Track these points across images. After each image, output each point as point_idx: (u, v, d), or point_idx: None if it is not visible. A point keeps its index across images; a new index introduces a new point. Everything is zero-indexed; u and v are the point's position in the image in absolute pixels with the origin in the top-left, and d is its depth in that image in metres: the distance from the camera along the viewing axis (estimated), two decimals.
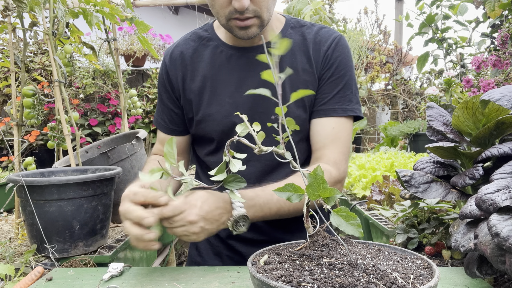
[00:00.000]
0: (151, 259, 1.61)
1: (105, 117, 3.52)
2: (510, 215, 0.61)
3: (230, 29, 1.02)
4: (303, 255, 0.65)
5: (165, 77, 1.17)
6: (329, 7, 4.14)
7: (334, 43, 1.11)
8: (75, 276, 0.87)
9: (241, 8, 0.94)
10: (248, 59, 1.11)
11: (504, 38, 2.18)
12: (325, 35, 1.12)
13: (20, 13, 1.34)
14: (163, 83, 1.18)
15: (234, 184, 0.79)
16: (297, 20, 1.18)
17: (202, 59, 1.14)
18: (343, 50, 1.11)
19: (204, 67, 1.13)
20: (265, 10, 0.99)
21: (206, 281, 0.81)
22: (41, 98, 1.46)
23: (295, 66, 1.10)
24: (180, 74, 1.14)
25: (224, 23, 1.02)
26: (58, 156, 1.58)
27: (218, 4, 0.98)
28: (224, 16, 0.99)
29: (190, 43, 1.17)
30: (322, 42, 1.11)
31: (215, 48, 1.13)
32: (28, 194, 1.01)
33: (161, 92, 1.20)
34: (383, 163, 2.08)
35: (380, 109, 5.03)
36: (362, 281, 0.55)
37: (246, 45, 1.11)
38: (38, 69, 3.21)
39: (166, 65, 1.17)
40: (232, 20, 0.99)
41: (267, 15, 1.01)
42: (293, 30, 1.15)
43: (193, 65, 1.14)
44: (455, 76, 3.25)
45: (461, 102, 0.90)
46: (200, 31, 1.18)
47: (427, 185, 0.90)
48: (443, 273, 0.81)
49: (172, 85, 1.16)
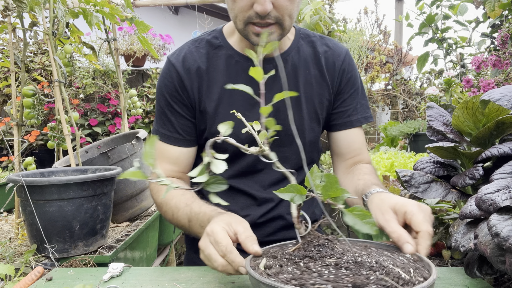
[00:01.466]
0: (151, 259, 1.61)
1: (105, 117, 3.52)
2: (510, 215, 0.61)
3: (246, 34, 0.97)
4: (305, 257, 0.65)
5: (179, 86, 1.07)
6: (329, 7, 4.15)
7: (347, 57, 1.15)
8: (75, 276, 0.87)
9: (263, 12, 0.89)
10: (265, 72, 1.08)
11: (504, 38, 2.18)
12: (336, 50, 1.14)
13: (20, 13, 1.34)
14: (173, 91, 1.08)
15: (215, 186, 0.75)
16: (305, 30, 1.17)
17: (217, 69, 1.08)
18: (353, 62, 1.18)
19: (220, 78, 1.07)
20: (287, 17, 0.94)
21: (206, 281, 0.81)
22: (41, 98, 1.46)
23: (309, 78, 1.11)
24: (196, 85, 1.07)
25: (241, 28, 0.96)
26: (58, 156, 1.58)
27: (238, 7, 0.93)
28: (242, 20, 0.94)
29: (201, 51, 1.09)
30: (335, 56, 1.13)
31: (230, 58, 1.08)
32: (28, 194, 1.01)
33: (170, 102, 1.08)
34: (383, 163, 2.08)
35: (380, 109, 5.03)
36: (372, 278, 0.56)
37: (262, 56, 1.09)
38: (38, 69, 3.21)
39: (180, 74, 1.07)
40: (250, 25, 0.94)
41: (288, 23, 0.96)
42: (304, 41, 1.14)
43: (209, 75, 1.08)
44: (455, 76, 3.25)
45: (461, 102, 0.90)
46: (209, 38, 1.11)
47: (427, 185, 0.90)
48: (443, 273, 0.81)
49: (187, 94, 1.08)
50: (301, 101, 1.10)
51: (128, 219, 1.49)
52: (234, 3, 0.93)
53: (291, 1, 0.93)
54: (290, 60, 1.10)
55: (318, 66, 1.11)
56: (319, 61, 1.11)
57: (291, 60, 1.10)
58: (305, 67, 1.10)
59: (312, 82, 1.11)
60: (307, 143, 1.13)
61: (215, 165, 0.71)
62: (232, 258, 0.68)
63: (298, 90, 1.09)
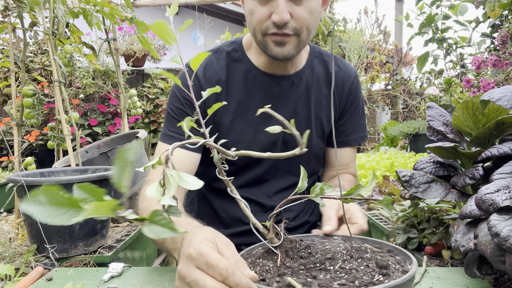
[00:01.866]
0: (151, 259, 1.61)
1: (105, 117, 3.52)
2: (510, 215, 0.61)
3: (265, 45, 0.97)
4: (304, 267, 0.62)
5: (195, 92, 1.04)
6: (329, 7, 4.15)
7: (355, 80, 1.19)
8: (75, 276, 0.87)
9: (281, 22, 0.89)
10: (281, 88, 1.09)
11: (504, 38, 2.18)
12: (346, 72, 1.18)
13: (20, 13, 1.34)
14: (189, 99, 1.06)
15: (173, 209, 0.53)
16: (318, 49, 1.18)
17: (235, 83, 1.09)
18: (360, 86, 1.23)
19: (237, 92, 1.08)
20: (305, 29, 0.94)
21: None
22: (41, 98, 1.46)
23: (320, 98, 1.14)
24: (214, 96, 1.06)
25: (260, 40, 0.96)
26: (58, 156, 1.58)
27: (256, 19, 0.93)
28: (260, 31, 0.94)
29: (221, 62, 1.10)
30: (345, 78, 1.17)
31: (248, 73, 1.09)
32: (28, 194, 1.01)
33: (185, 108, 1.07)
34: (383, 163, 2.08)
35: (380, 109, 5.03)
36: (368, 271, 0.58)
37: (279, 73, 1.09)
38: (38, 69, 3.21)
39: (200, 81, 1.08)
40: (268, 36, 0.95)
41: (306, 36, 0.96)
42: (317, 60, 1.16)
43: (227, 88, 1.09)
44: (455, 76, 3.25)
45: (461, 102, 0.90)
46: (229, 50, 1.12)
47: (427, 185, 0.90)
48: (443, 273, 0.81)
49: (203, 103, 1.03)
50: (311, 119, 1.14)
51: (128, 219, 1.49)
52: (252, 15, 0.94)
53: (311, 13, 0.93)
54: (305, 79, 1.12)
55: (329, 86, 1.15)
56: (330, 82, 1.14)
57: (305, 79, 1.12)
58: (317, 87, 1.13)
59: (322, 102, 1.14)
60: (312, 157, 1.18)
61: (186, 181, 0.53)
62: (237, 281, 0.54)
63: (310, 108, 1.13)
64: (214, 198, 1.20)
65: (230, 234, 1.14)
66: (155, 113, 3.84)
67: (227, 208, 1.17)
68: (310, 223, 1.24)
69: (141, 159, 1.53)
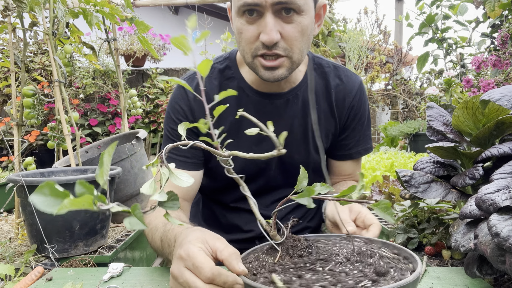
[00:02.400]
0: (151, 259, 1.61)
1: (105, 117, 3.52)
2: (510, 215, 0.61)
3: (255, 68, 0.92)
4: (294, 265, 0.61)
5: (189, 114, 1.05)
6: (329, 7, 4.15)
7: (359, 92, 1.12)
8: (75, 276, 0.87)
9: (269, 42, 0.84)
10: (275, 106, 1.06)
11: (504, 38, 2.18)
12: (348, 84, 1.10)
13: (20, 13, 1.34)
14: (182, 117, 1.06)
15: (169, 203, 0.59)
16: (319, 59, 1.12)
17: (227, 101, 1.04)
18: (365, 97, 1.15)
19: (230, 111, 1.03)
20: (296, 50, 0.89)
21: None
22: (41, 98, 1.46)
23: (319, 113, 1.08)
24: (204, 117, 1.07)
25: (249, 61, 0.92)
26: (58, 156, 1.58)
27: (245, 40, 0.89)
28: (250, 52, 0.90)
29: (213, 82, 1.06)
30: (346, 92, 1.10)
31: (241, 91, 1.05)
32: (28, 194, 1.01)
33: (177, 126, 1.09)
34: (383, 163, 2.08)
35: (380, 109, 5.03)
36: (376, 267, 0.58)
37: (273, 91, 1.05)
38: (38, 69, 3.21)
39: (190, 104, 1.05)
40: (258, 58, 0.89)
41: (298, 57, 0.91)
42: (316, 73, 1.10)
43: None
44: (455, 76, 3.25)
45: (461, 102, 0.90)
46: (221, 67, 1.08)
47: (427, 185, 0.90)
48: (443, 273, 0.81)
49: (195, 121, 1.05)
50: (309, 136, 1.09)
51: None
52: (241, 34, 0.90)
53: (301, 32, 0.88)
54: (301, 96, 1.07)
55: (328, 101, 1.09)
56: (330, 96, 1.09)
57: (301, 95, 1.07)
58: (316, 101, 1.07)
59: (321, 117, 1.09)
60: (310, 173, 1.14)
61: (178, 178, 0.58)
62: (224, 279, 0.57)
63: (307, 126, 1.08)
64: (215, 206, 1.20)
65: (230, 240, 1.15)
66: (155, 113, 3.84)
67: (227, 215, 1.18)
68: (310, 228, 1.24)
69: (141, 159, 1.53)
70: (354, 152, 1.16)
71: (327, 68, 1.10)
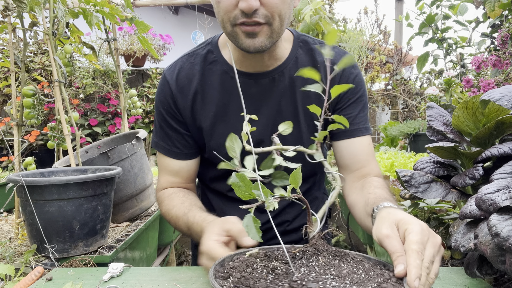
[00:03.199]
0: (151, 259, 1.61)
1: (105, 117, 3.52)
2: (510, 215, 0.61)
3: (235, 36, 0.90)
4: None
5: (172, 103, 1.06)
6: (329, 7, 4.15)
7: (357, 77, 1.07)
8: (75, 276, 0.87)
9: (249, 9, 0.82)
10: (261, 87, 1.03)
11: (504, 38, 2.18)
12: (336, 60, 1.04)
13: (20, 13, 1.34)
14: (168, 108, 1.06)
15: (279, 180, 0.77)
16: (304, 37, 1.09)
17: (211, 86, 1.04)
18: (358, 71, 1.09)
19: (215, 95, 1.04)
20: (277, 17, 0.87)
21: (206, 281, 0.81)
22: (41, 98, 1.46)
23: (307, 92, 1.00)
24: (189, 103, 1.05)
25: (229, 31, 0.90)
26: (58, 156, 1.58)
27: (223, 8, 0.87)
28: (229, 21, 0.88)
29: (195, 67, 1.05)
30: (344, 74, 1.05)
31: (224, 74, 1.03)
32: (28, 194, 1.01)
33: (166, 118, 1.07)
34: (383, 163, 2.08)
35: (380, 109, 5.03)
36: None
37: (257, 70, 1.02)
38: (38, 69, 3.22)
39: (172, 91, 1.05)
40: (237, 26, 0.88)
41: (278, 24, 0.88)
42: (303, 50, 1.06)
43: (204, 93, 1.04)
44: (455, 76, 3.25)
45: (461, 102, 0.90)
46: (203, 52, 1.06)
47: (427, 185, 0.90)
48: (443, 273, 0.81)
49: (180, 111, 1.06)
50: (299, 115, 1.05)
51: (128, 219, 1.49)
52: (218, 3, 0.87)
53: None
54: (287, 73, 1.03)
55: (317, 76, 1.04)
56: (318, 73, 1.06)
57: (288, 73, 1.03)
58: (304, 80, 1.02)
59: (310, 95, 1.03)
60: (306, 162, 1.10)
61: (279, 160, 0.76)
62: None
63: (296, 104, 1.05)
64: (212, 197, 1.20)
65: None
66: None
67: (223, 208, 1.17)
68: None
69: (141, 159, 1.53)
70: (355, 129, 1.06)
71: (313, 44, 1.07)
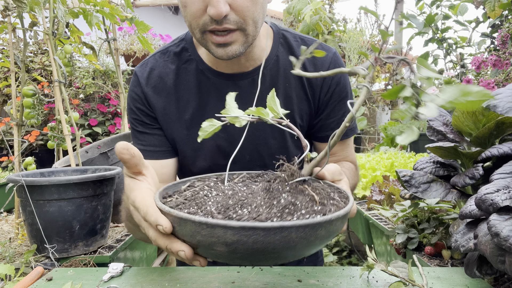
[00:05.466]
0: (151, 259, 1.61)
1: (105, 117, 3.52)
2: (510, 215, 0.61)
3: (206, 45, 0.83)
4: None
5: (143, 100, 0.99)
6: (329, 7, 4.15)
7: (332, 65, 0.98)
8: (75, 276, 0.87)
9: (218, 16, 0.75)
10: (239, 88, 0.96)
11: (504, 38, 2.18)
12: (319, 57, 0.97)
13: (20, 13, 1.34)
14: (139, 106, 0.99)
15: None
16: (285, 32, 1.01)
17: (187, 87, 0.97)
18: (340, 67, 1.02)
19: (191, 97, 0.97)
20: (250, 22, 0.80)
21: (206, 281, 0.81)
22: (41, 98, 1.46)
23: (289, 92, 0.97)
24: (162, 104, 0.98)
25: (199, 38, 0.83)
26: (58, 156, 1.58)
27: (190, 14, 0.79)
28: (197, 28, 0.80)
29: (169, 65, 0.98)
30: (317, 66, 0.97)
31: (200, 74, 0.97)
32: (28, 194, 1.01)
33: (138, 115, 1.00)
34: (383, 163, 2.08)
35: (380, 109, 5.03)
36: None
37: (235, 71, 0.96)
38: (38, 69, 3.22)
39: (142, 88, 0.98)
40: (207, 34, 0.80)
41: (253, 29, 0.82)
42: (283, 48, 0.99)
43: (178, 94, 0.98)
44: (455, 76, 3.25)
45: None
46: (177, 50, 0.99)
47: (427, 185, 0.90)
48: (443, 273, 0.81)
49: (153, 111, 0.99)
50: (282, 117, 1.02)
51: None
52: (185, 8, 0.80)
53: (253, 1, 0.79)
54: (268, 74, 0.97)
55: (298, 78, 0.97)
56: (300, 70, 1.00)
57: (269, 74, 0.97)
58: (285, 79, 0.97)
59: (292, 96, 0.98)
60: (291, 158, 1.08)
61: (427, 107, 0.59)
62: (150, 219, 0.52)
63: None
64: None
65: None
66: None
67: None
68: None
69: None
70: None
71: (294, 41, 0.99)
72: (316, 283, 0.77)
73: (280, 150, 0.99)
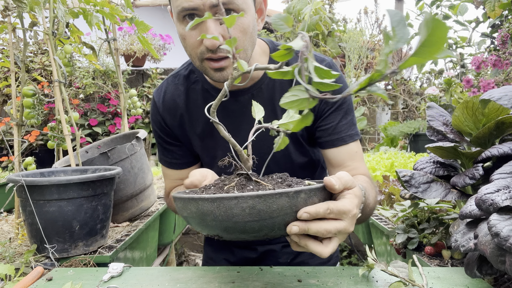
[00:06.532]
0: (151, 259, 1.61)
1: (105, 117, 3.52)
2: (510, 215, 0.61)
3: (205, 71, 0.95)
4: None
5: (162, 122, 1.13)
6: (329, 7, 4.15)
7: None
8: (75, 276, 0.87)
9: (212, 47, 0.86)
10: (241, 104, 1.06)
11: (504, 38, 2.18)
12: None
13: (20, 13, 1.34)
14: (160, 127, 1.14)
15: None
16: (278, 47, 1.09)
17: (195, 105, 1.10)
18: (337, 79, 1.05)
19: (200, 112, 1.09)
20: (241, 51, 0.91)
21: (206, 281, 0.81)
22: (41, 98, 1.46)
23: None
24: (176, 124, 1.12)
25: (198, 65, 0.94)
26: (58, 156, 1.58)
27: (189, 46, 0.91)
28: (197, 57, 0.92)
29: (180, 88, 1.11)
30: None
31: (206, 92, 1.08)
32: (28, 194, 1.01)
33: (161, 134, 1.15)
34: (383, 163, 2.08)
35: (380, 109, 5.04)
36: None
37: (236, 88, 1.05)
38: (38, 69, 3.22)
39: (159, 112, 1.12)
40: (205, 61, 0.91)
41: (243, 56, 0.93)
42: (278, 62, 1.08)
43: (189, 113, 1.10)
44: (455, 76, 3.25)
45: (461, 102, 0.90)
46: (186, 73, 1.12)
47: (427, 185, 0.90)
48: (443, 273, 0.81)
49: (170, 129, 1.13)
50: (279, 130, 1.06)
51: (128, 219, 1.49)
52: (184, 40, 0.91)
53: (243, 32, 0.89)
54: (265, 89, 1.06)
55: None
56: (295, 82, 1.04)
57: (266, 88, 1.06)
58: (281, 91, 1.04)
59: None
60: (296, 167, 1.10)
61: None
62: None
63: (277, 117, 1.04)
64: None
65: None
66: None
67: None
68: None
69: (141, 159, 1.53)
70: (336, 138, 1.06)
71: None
72: (316, 283, 0.77)
73: (284, 158, 1.08)
